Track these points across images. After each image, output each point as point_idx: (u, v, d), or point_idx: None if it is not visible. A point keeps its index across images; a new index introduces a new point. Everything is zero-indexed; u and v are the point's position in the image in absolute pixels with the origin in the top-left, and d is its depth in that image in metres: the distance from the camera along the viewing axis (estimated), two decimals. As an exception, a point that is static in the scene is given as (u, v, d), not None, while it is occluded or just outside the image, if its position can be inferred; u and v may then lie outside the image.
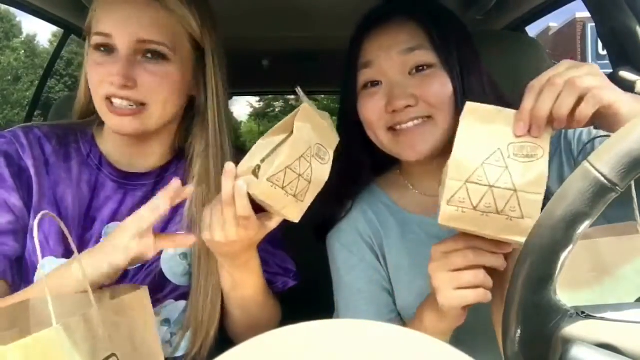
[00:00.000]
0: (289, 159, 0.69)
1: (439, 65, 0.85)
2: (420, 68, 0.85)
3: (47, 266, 0.83)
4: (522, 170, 0.61)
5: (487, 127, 0.64)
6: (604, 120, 0.63)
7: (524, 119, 0.63)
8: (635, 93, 0.95)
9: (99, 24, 0.83)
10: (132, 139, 0.90)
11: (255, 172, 0.71)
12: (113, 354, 0.58)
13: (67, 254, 0.84)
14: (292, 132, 0.71)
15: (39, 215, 0.57)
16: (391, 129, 0.87)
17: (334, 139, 0.77)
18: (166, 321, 0.91)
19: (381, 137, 0.89)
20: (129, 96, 0.82)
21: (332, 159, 0.75)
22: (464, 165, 0.62)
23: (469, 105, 0.66)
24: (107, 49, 0.83)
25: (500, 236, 0.62)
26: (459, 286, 0.66)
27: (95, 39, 0.83)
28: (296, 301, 0.99)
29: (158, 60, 0.84)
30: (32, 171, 0.86)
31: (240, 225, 0.73)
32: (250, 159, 0.72)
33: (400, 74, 0.86)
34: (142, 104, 0.83)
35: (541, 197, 0.60)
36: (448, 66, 0.85)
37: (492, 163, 0.62)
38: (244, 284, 0.87)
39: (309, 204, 0.74)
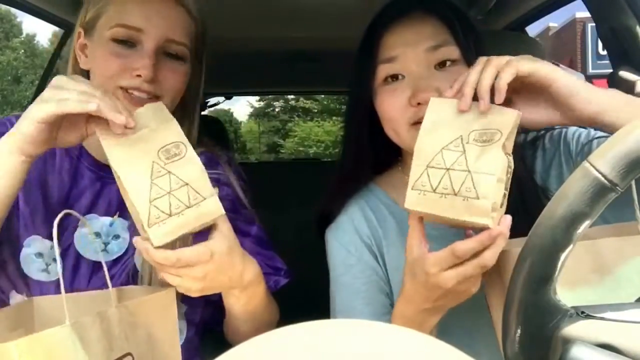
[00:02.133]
0: (140, 196, 0.66)
1: (461, 61, 0.85)
2: (445, 63, 0.85)
3: (32, 245, 0.85)
4: (478, 153, 0.65)
5: (452, 117, 0.69)
6: (545, 94, 0.71)
7: (458, 92, 0.71)
8: (636, 93, 0.95)
9: (125, 17, 0.84)
10: None
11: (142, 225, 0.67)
12: (129, 354, 0.58)
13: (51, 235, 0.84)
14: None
15: (60, 215, 0.56)
16: (415, 124, 0.84)
17: (174, 126, 0.72)
18: None
19: (403, 133, 0.86)
20: (149, 90, 0.85)
21: (189, 147, 0.70)
22: (426, 150, 0.67)
23: (434, 100, 0.71)
24: (129, 42, 0.85)
25: (460, 218, 0.64)
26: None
27: (120, 31, 0.84)
28: (294, 301, 0.99)
29: (178, 59, 0.88)
30: None
31: (193, 276, 0.67)
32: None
33: (426, 68, 0.85)
34: (159, 97, 0.86)
35: (494, 178, 0.63)
36: (470, 62, 0.84)
37: (450, 148, 0.66)
38: (254, 295, 0.84)
39: (214, 193, 0.69)
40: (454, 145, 0.66)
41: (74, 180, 0.91)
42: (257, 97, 22.04)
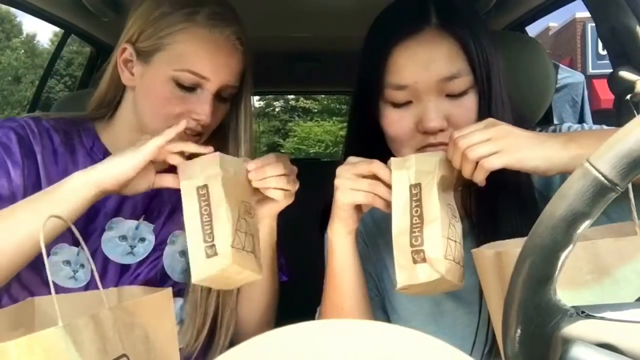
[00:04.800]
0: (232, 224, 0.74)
1: (474, 88, 0.82)
2: (457, 94, 0.81)
3: (59, 253, 0.85)
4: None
5: None
6: None
7: None
8: (635, 93, 0.95)
9: (195, 64, 0.85)
10: None
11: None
12: (124, 355, 0.58)
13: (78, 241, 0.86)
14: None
15: (46, 219, 0.57)
16: (421, 149, 0.83)
17: (249, 192, 0.81)
18: None
19: (406, 155, 0.84)
20: (201, 131, 0.90)
21: (256, 214, 0.81)
22: (444, 225, 0.73)
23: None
24: (191, 86, 0.87)
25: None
26: (355, 188, 0.76)
27: (187, 77, 0.86)
28: (293, 301, 0.99)
29: (225, 100, 0.92)
30: (39, 157, 0.88)
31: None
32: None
33: (436, 97, 0.81)
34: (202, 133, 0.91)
35: (437, 226, 0.71)
36: (481, 88, 0.82)
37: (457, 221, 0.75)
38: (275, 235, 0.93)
39: (260, 255, 0.79)
40: (456, 220, 0.75)
41: None
42: (257, 97, 22.04)
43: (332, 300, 0.85)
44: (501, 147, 0.69)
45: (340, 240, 0.82)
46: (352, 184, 0.76)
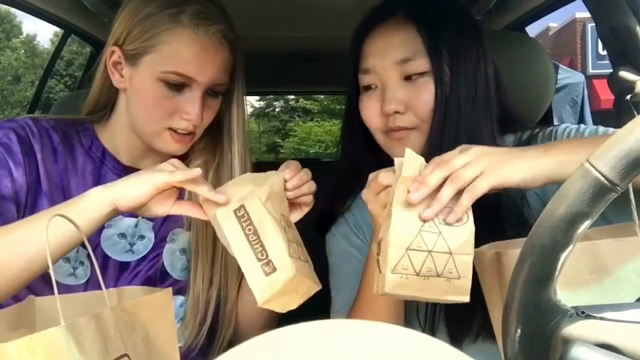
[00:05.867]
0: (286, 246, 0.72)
1: (430, 73, 0.85)
2: (412, 76, 0.86)
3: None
4: (453, 234, 0.65)
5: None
6: None
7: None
8: (635, 93, 0.95)
9: (180, 65, 0.85)
10: (143, 143, 0.93)
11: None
12: (125, 355, 0.58)
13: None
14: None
15: (49, 219, 0.56)
16: (387, 132, 0.88)
17: (283, 198, 0.79)
18: None
19: (380, 139, 0.90)
20: (194, 130, 0.89)
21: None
22: (405, 233, 0.65)
23: (403, 178, 0.69)
24: (180, 86, 0.87)
25: (442, 298, 0.66)
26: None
27: (173, 78, 0.86)
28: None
29: (216, 95, 0.92)
30: (39, 157, 0.88)
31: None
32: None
33: (394, 80, 0.86)
34: (194, 132, 0.90)
35: (471, 258, 0.64)
36: (437, 73, 0.85)
37: (427, 230, 0.65)
38: None
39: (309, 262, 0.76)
40: (428, 226, 0.66)
41: (97, 182, 0.92)
42: (257, 97, 22.05)
43: (366, 308, 0.85)
44: (483, 167, 0.67)
45: None
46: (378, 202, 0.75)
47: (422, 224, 0.66)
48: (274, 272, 0.69)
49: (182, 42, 0.85)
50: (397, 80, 0.86)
